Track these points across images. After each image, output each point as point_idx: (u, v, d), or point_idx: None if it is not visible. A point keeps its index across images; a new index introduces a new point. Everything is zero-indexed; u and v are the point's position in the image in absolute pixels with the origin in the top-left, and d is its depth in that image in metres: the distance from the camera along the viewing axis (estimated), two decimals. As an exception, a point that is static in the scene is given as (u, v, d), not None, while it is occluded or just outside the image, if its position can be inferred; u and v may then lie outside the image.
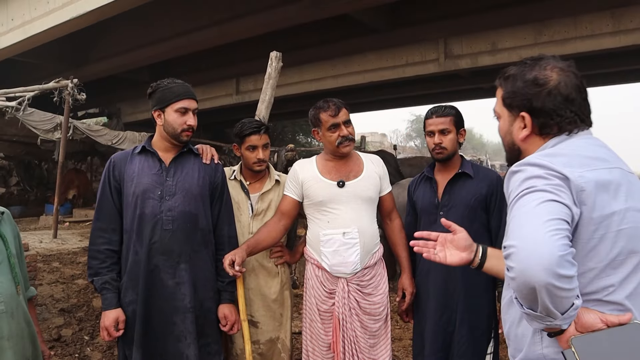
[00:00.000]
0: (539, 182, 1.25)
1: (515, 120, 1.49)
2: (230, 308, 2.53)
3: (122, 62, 11.77)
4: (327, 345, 2.63)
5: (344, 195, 2.61)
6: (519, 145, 1.50)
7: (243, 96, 13.78)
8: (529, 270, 1.11)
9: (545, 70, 1.42)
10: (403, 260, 2.73)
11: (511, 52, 10.36)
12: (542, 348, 1.32)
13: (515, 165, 1.35)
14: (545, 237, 1.13)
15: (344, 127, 2.60)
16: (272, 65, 5.19)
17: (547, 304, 1.12)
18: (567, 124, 1.41)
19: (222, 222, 2.57)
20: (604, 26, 9.39)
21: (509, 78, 1.49)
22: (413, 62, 11.60)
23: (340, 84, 12.32)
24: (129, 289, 2.40)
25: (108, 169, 2.48)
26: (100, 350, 4.23)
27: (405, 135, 50.03)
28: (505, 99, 1.51)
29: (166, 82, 2.46)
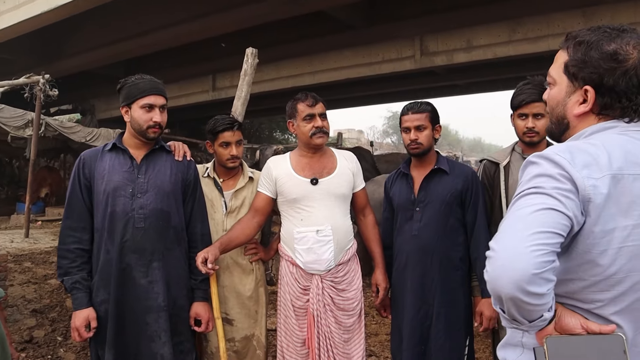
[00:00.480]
0: (548, 184, 1.17)
1: (575, 92, 1.32)
2: (203, 306, 2.52)
3: (96, 57, 11.57)
4: (302, 341, 2.64)
5: (317, 193, 2.62)
6: (570, 120, 1.35)
7: (219, 93, 13.68)
8: (499, 280, 1.11)
9: (628, 46, 1.25)
10: (376, 256, 2.76)
11: (486, 49, 10.48)
12: (522, 336, 1.32)
13: (534, 156, 1.25)
14: (524, 252, 1.09)
15: (319, 119, 2.62)
16: (248, 62, 5.17)
17: (513, 313, 1.13)
18: (632, 111, 1.27)
19: (195, 219, 2.55)
20: (576, 24, 9.52)
21: (582, 44, 1.29)
22: (389, 59, 11.65)
23: (317, 80, 12.31)
24: (101, 288, 2.37)
25: (78, 167, 2.43)
26: (73, 351, 4.17)
27: (382, 131, 50.31)
28: (570, 66, 1.31)
29: (133, 78, 2.43)
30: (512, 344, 1.35)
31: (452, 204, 2.55)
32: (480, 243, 2.51)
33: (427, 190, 2.60)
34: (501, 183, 2.59)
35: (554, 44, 9.78)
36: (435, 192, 2.58)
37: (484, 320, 2.51)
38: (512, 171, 2.59)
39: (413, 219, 2.60)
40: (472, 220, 2.55)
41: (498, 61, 10.98)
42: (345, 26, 10.67)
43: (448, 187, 2.56)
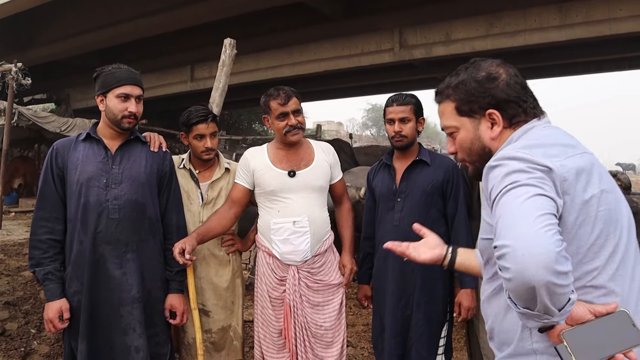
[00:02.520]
0: (522, 177, 1.21)
1: (480, 122, 1.45)
2: (178, 298, 2.51)
3: (71, 46, 11.33)
4: (279, 331, 2.66)
5: (294, 185, 2.62)
6: (489, 146, 1.45)
7: (198, 83, 13.51)
8: (528, 270, 1.07)
9: (491, 67, 1.43)
10: (345, 239, 2.79)
11: (464, 43, 10.54)
12: (532, 343, 1.30)
13: (493, 160, 1.31)
14: (539, 234, 1.09)
15: (292, 117, 2.61)
16: (226, 53, 5.14)
17: (546, 302, 1.09)
18: (532, 108, 1.41)
19: (170, 210, 2.54)
20: (552, 19, 9.65)
21: (459, 85, 1.45)
22: (369, 52, 11.63)
23: (297, 72, 12.25)
24: (74, 279, 2.34)
25: (51, 156, 2.40)
26: (47, 343, 4.11)
27: (361, 124, 50.38)
28: (461, 107, 1.46)
29: (110, 67, 2.40)
30: (522, 353, 1.33)
31: (433, 195, 2.59)
32: (461, 234, 2.55)
33: (408, 181, 2.63)
34: None
35: (530, 39, 9.90)
36: (417, 183, 2.61)
37: (462, 310, 2.55)
38: None
39: (394, 209, 2.63)
40: (452, 211, 2.60)
41: (476, 55, 10.93)
42: (325, 18, 10.63)
43: (429, 178, 2.60)
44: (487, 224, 1.39)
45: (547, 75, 14.77)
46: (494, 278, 1.42)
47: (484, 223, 1.43)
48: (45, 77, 12.75)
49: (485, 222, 1.40)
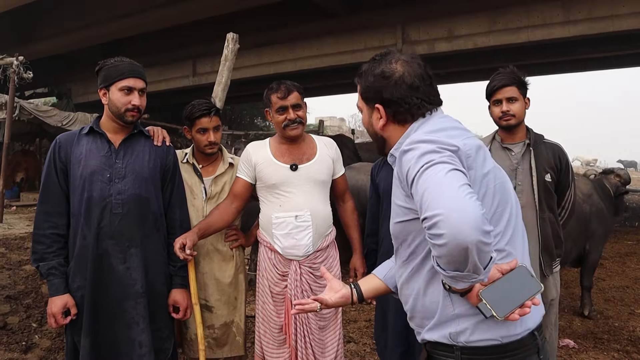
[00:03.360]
0: (435, 156, 1.32)
1: (372, 112, 1.61)
2: (182, 293, 2.51)
3: (73, 40, 11.31)
4: (279, 327, 2.65)
5: (296, 179, 2.62)
6: (380, 134, 1.62)
7: (200, 78, 13.49)
8: (462, 232, 1.16)
9: (391, 64, 1.54)
10: (355, 241, 2.79)
11: (467, 39, 10.51)
12: (454, 309, 1.42)
13: (405, 145, 1.43)
14: (465, 200, 1.20)
15: (291, 111, 2.60)
16: (228, 47, 5.13)
17: (476, 261, 1.19)
18: (416, 110, 1.53)
19: (173, 205, 2.54)
20: (555, 16, 9.62)
21: (362, 75, 1.61)
22: (372, 47, 11.57)
23: (299, 67, 12.22)
24: (77, 274, 2.33)
25: (53, 150, 2.39)
26: (49, 337, 4.13)
27: (363, 120, 50.26)
28: (362, 93, 1.63)
29: (113, 60, 2.38)
30: (445, 321, 1.44)
31: None
32: None
33: None
34: None
35: (533, 35, 9.87)
36: None
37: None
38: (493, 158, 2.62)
39: None
40: None
41: (479, 51, 11.03)
42: (328, 13, 10.62)
43: None
44: (398, 207, 1.51)
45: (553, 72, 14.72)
46: (409, 259, 1.53)
47: (395, 207, 1.54)
48: (46, 71, 12.75)
49: (397, 205, 1.52)
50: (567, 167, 2.67)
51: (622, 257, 7.20)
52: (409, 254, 1.53)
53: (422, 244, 1.47)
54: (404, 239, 1.53)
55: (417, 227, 1.45)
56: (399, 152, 1.45)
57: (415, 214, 1.42)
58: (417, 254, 1.50)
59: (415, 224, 1.45)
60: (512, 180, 2.55)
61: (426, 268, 1.48)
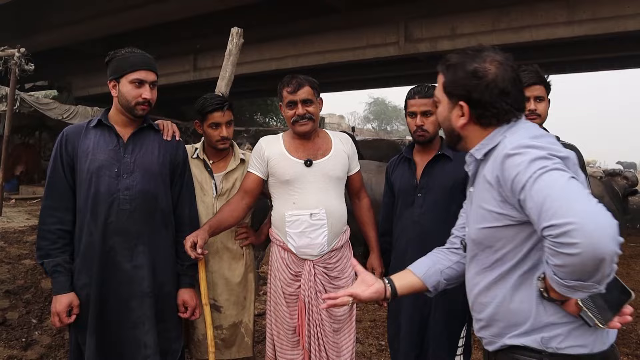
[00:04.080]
0: (547, 163, 1.27)
1: (454, 107, 1.55)
2: (190, 293, 2.43)
3: (74, 32, 11.18)
4: (293, 328, 2.57)
5: (311, 175, 2.53)
6: (458, 132, 1.57)
7: (200, 73, 13.38)
8: (601, 242, 1.13)
9: (485, 63, 1.48)
10: (372, 240, 2.71)
11: (470, 37, 10.42)
12: (548, 317, 1.38)
13: (513, 149, 1.36)
14: (599, 210, 1.16)
15: (300, 106, 2.52)
16: (232, 42, 5.05)
17: (605, 272, 1.16)
18: (503, 115, 1.48)
19: (183, 202, 2.46)
20: (559, 16, 9.57)
21: (451, 67, 1.54)
22: (374, 44, 11.52)
23: (301, 63, 12.12)
24: (82, 271, 2.26)
25: (60, 143, 2.30)
26: (49, 334, 4.04)
27: (362, 117, 50.22)
28: (446, 86, 1.56)
29: (124, 51, 2.30)
30: (538, 328, 1.40)
31: (455, 191, 2.48)
32: None
33: (429, 176, 2.54)
34: None
35: (537, 35, 9.82)
36: (438, 178, 2.52)
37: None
38: None
39: (414, 204, 2.54)
40: None
41: (482, 50, 10.97)
42: (331, 9, 10.53)
43: (451, 173, 2.50)
44: (488, 212, 1.45)
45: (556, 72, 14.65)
46: (494, 266, 1.48)
47: (483, 212, 1.47)
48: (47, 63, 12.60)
49: (487, 210, 1.45)
50: (583, 169, 2.61)
51: (627, 260, 7.12)
52: (494, 261, 1.48)
53: (513, 251, 1.42)
54: (490, 245, 1.48)
55: (510, 234, 1.41)
56: (502, 157, 1.37)
57: (510, 220, 1.39)
58: (506, 261, 1.45)
59: (508, 231, 1.41)
60: None
61: (516, 275, 1.43)
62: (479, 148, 1.52)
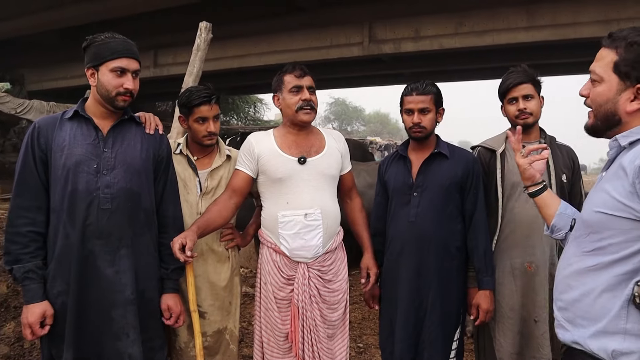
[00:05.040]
0: None
1: (626, 90, 1.41)
2: (175, 298, 2.26)
3: (27, 24, 10.62)
4: (285, 334, 2.43)
5: (305, 173, 2.41)
6: (621, 116, 1.43)
7: (161, 69, 13.00)
8: None
9: None
10: (364, 240, 2.61)
11: (433, 40, 10.57)
12: (626, 323, 1.34)
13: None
14: None
15: (307, 91, 2.41)
16: (201, 37, 4.90)
17: None
18: None
19: (166, 201, 2.28)
20: (519, 21, 9.82)
21: (634, 45, 1.38)
22: (338, 44, 11.50)
23: (264, 62, 11.96)
24: (58, 278, 2.04)
25: (32, 136, 2.07)
26: (6, 343, 3.75)
27: (323, 117, 50.27)
28: (620, 65, 1.40)
29: (103, 36, 2.10)
30: (612, 332, 1.36)
31: (452, 190, 2.43)
32: (479, 232, 2.42)
33: (426, 174, 2.46)
34: (497, 170, 2.52)
35: (498, 39, 10.03)
36: (435, 177, 2.44)
37: (480, 313, 2.42)
38: (508, 159, 2.52)
39: (410, 204, 2.46)
40: (471, 208, 2.44)
41: (444, 52, 11.13)
42: (296, 8, 10.45)
43: (448, 172, 2.43)
44: (611, 198, 1.37)
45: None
46: (594, 253, 1.42)
47: (606, 196, 1.40)
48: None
49: (610, 195, 1.38)
50: (578, 169, 2.60)
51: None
52: (596, 248, 1.42)
53: (617, 245, 1.36)
54: (599, 231, 1.41)
55: (623, 227, 1.35)
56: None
57: (632, 214, 1.31)
58: (607, 252, 1.38)
59: (623, 223, 1.34)
60: None
61: (614, 272, 1.37)
62: (627, 135, 1.42)
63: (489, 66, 13.03)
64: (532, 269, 2.45)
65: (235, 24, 11.27)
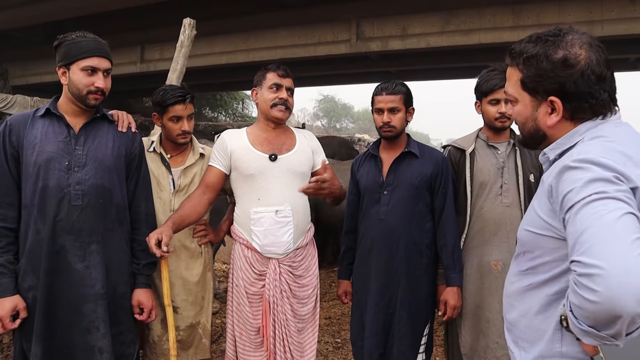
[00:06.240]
0: (609, 188, 1.10)
1: (540, 105, 1.34)
2: (147, 293, 2.30)
3: (10, 17, 10.49)
4: (256, 329, 2.48)
5: (276, 170, 2.46)
6: (544, 131, 1.36)
7: (148, 65, 12.91)
8: (621, 300, 0.99)
9: (574, 48, 1.27)
10: None
11: (420, 38, 10.60)
12: (561, 347, 1.28)
13: (575, 161, 1.19)
14: (636, 264, 1.00)
15: (285, 91, 2.48)
16: (185, 33, 4.91)
17: (622, 330, 1.03)
18: (601, 107, 1.29)
19: (138, 197, 2.31)
20: (505, 20, 9.89)
21: (531, 59, 1.31)
22: (325, 42, 11.51)
23: (252, 58, 11.95)
24: (28, 272, 2.07)
25: (3, 133, 2.10)
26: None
27: (312, 114, 50.22)
28: (527, 83, 1.34)
29: (74, 35, 2.13)
30: (548, 356, 1.30)
31: (421, 189, 2.48)
32: (448, 230, 2.47)
33: (396, 173, 2.51)
34: (466, 169, 2.56)
35: (485, 38, 10.09)
36: (405, 176, 2.49)
37: (448, 309, 2.47)
38: (477, 158, 2.56)
39: (380, 202, 2.51)
40: (440, 206, 2.50)
41: (431, 51, 11.19)
42: (283, 4, 10.44)
43: (418, 171, 2.49)
44: (537, 216, 1.31)
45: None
46: (528, 272, 1.37)
47: (533, 214, 1.34)
48: (-21, 49, 11.88)
49: (536, 213, 1.32)
50: None
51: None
52: (529, 268, 1.36)
53: (547, 265, 1.29)
54: (529, 249, 1.36)
55: (549, 246, 1.28)
56: (561, 168, 1.21)
57: (554, 233, 1.24)
58: (539, 272, 1.33)
59: (549, 242, 1.28)
60: (499, 179, 2.50)
61: (544, 292, 1.31)
62: (553, 148, 1.35)
63: (475, 65, 13.11)
64: (499, 268, 2.49)
65: (224, 20, 11.26)
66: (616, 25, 9.03)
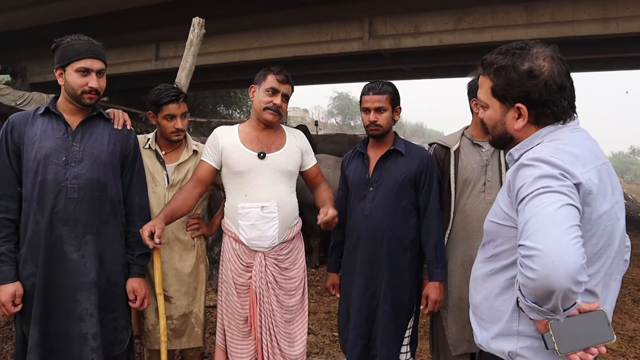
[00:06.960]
0: (554, 183, 1.28)
1: (508, 111, 1.51)
2: (140, 282, 2.42)
3: (29, 15, 10.77)
4: (244, 318, 2.60)
5: (264, 167, 2.56)
6: (512, 134, 1.53)
7: (163, 62, 13.13)
8: (553, 276, 1.17)
9: (538, 60, 1.43)
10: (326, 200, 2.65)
11: (432, 36, 10.60)
12: (518, 325, 1.44)
13: (528, 159, 1.37)
14: (569, 246, 1.18)
15: (280, 98, 2.57)
16: (193, 32, 4.99)
17: (558, 304, 1.21)
18: (562, 113, 1.45)
19: (133, 191, 2.45)
20: (519, 18, 9.82)
21: (500, 69, 1.47)
22: (338, 39, 11.57)
23: (265, 56, 12.07)
24: (28, 261, 2.22)
25: (5, 130, 2.25)
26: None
27: (326, 112, 50.28)
28: (497, 90, 1.51)
29: (69, 39, 2.26)
30: (506, 334, 1.46)
31: (406, 186, 2.55)
32: (432, 226, 2.54)
33: (381, 170, 2.59)
34: (451, 167, 2.62)
35: (497, 36, 10.03)
36: (390, 173, 2.57)
37: (429, 303, 2.55)
38: (461, 156, 2.62)
39: (366, 198, 2.60)
40: (425, 203, 2.57)
41: (444, 48, 11.16)
42: (296, 3, 10.51)
43: (403, 168, 2.56)
44: (499, 208, 1.49)
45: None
46: (492, 259, 1.54)
47: (497, 208, 1.51)
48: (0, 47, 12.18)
49: (500, 208, 1.49)
50: None
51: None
52: (492, 255, 1.54)
53: (507, 252, 1.47)
54: (493, 239, 1.54)
55: (508, 235, 1.45)
56: (517, 165, 1.40)
57: (512, 223, 1.42)
58: (500, 259, 1.50)
59: (508, 231, 1.45)
60: (482, 176, 2.56)
61: (504, 276, 1.48)
62: (518, 148, 1.51)
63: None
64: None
65: (237, 18, 11.37)
66: (632, 23, 8.91)
